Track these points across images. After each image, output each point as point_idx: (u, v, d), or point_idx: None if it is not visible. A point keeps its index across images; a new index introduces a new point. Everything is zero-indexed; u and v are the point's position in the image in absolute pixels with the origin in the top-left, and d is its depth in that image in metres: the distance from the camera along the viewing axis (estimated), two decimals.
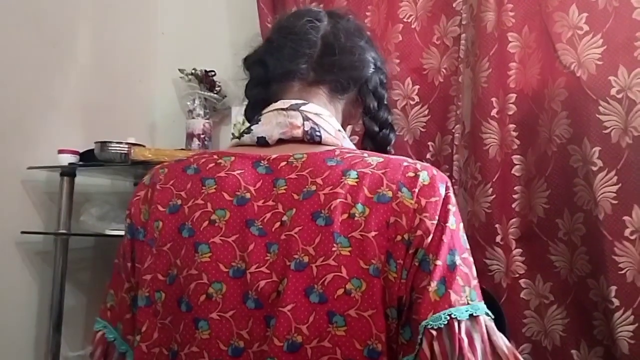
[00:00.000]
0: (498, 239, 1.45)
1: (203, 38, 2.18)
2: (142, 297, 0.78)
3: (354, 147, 0.86)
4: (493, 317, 0.73)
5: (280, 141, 0.84)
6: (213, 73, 2.04)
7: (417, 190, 0.73)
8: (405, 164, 0.77)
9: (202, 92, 2.02)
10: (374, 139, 0.95)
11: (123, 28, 2.14)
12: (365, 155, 0.79)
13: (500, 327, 1.39)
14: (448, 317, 0.68)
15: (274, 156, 0.80)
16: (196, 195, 0.79)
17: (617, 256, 1.30)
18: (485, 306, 0.73)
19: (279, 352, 0.68)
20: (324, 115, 0.86)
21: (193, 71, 2.03)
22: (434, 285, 0.69)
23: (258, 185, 0.78)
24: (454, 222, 0.74)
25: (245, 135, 0.86)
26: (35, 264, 1.83)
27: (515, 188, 1.47)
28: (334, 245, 0.70)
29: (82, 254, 1.99)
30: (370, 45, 0.96)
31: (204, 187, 0.79)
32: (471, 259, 0.75)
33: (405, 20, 1.66)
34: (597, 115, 1.34)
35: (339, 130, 0.86)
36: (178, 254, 0.76)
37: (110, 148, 1.74)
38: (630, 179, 1.32)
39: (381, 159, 0.77)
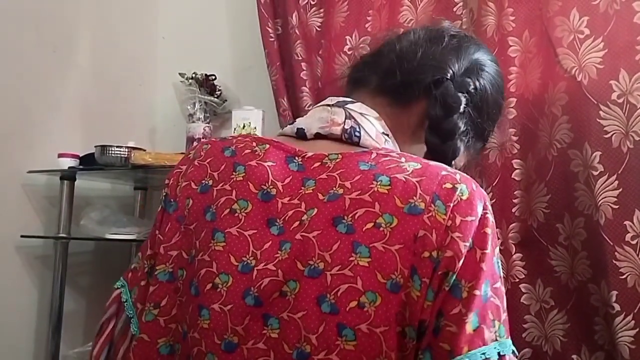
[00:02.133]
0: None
1: (203, 42, 2.18)
2: (165, 272, 0.78)
3: (394, 149, 0.82)
4: (517, 354, 0.71)
5: (319, 136, 0.81)
6: (213, 77, 2.04)
7: (452, 205, 0.68)
8: (443, 172, 0.71)
9: (203, 96, 2.02)
10: (434, 151, 0.85)
11: (123, 32, 2.15)
12: (403, 160, 0.73)
13: None
14: (482, 357, 0.64)
15: (309, 154, 0.78)
16: (226, 180, 0.78)
17: (618, 261, 1.29)
18: (511, 342, 0.69)
19: None
20: (370, 116, 0.82)
21: (193, 75, 2.03)
22: (470, 317, 0.65)
23: (287, 181, 0.76)
24: (490, 248, 0.68)
25: (288, 126, 0.85)
26: (35, 268, 1.83)
27: (515, 192, 1.46)
28: (352, 255, 0.67)
29: (82, 258, 1.99)
30: (455, 53, 0.87)
31: (234, 173, 0.78)
32: (503, 289, 0.70)
33: (405, 24, 1.66)
34: (598, 120, 1.34)
35: (383, 133, 0.82)
36: (199, 235, 0.76)
37: (110, 152, 1.74)
38: (631, 184, 1.31)
39: (419, 165, 0.72)
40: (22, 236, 1.75)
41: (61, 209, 1.80)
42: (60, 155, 1.78)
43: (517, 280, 1.44)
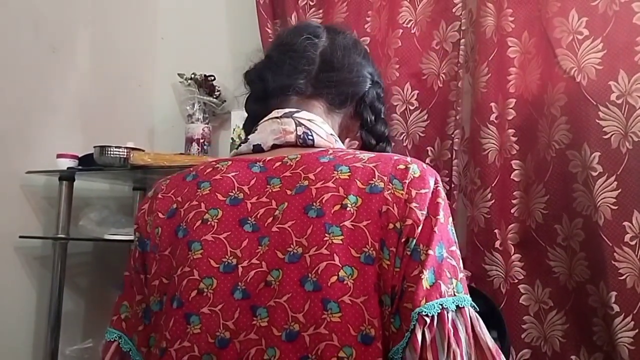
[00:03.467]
0: (497, 244, 1.45)
1: (202, 43, 2.18)
2: (155, 302, 0.80)
3: (345, 148, 0.90)
4: (478, 309, 0.75)
5: (275, 147, 0.87)
6: (212, 77, 2.04)
7: (407, 181, 0.76)
8: (395, 157, 0.80)
9: (202, 97, 2.02)
10: (370, 151, 0.96)
11: (122, 33, 2.15)
12: (357, 152, 0.82)
13: (500, 333, 1.39)
14: (440, 307, 0.69)
15: (269, 158, 0.84)
16: (191, 198, 0.82)
17: (617, 262, 1.30)
18: (470, 298, 0.74)
19: (278, 342, 0.70)
20: (317, 121, 0.89)
21: (192, 76, 2.03)
22: (426, 274, 0.71)
23: (252, 182, 0.81)
24: (443, 216, 0.76)
25: (242, 145, 0.91)
26: (33, 269, 1.82)
27: (514, 193, 1.46)
28: (326, 235, 0.72)
29: (81, 259, 1.98)
30: (367, 59, 1.00)
31: (199, 190, 0.82)
32: (458, 252, 0.77)
33: (404, 25, 1.66)
34: (597, 121, 1.34)
35: (331, 134, 0.90)
36: (174, 254, 0.79)
37: (109, 152, 1.74)
38: (630, 185, 1.31)
39: (372, 155, 0.81)
40: (20, 237, 1.75)
41: (60, 210, 1.79)
42: (59, 156, 1.77)
43: (516, 281, 1.44)
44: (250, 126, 0.96)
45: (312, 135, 0.86)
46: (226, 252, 0.76)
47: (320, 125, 0.89)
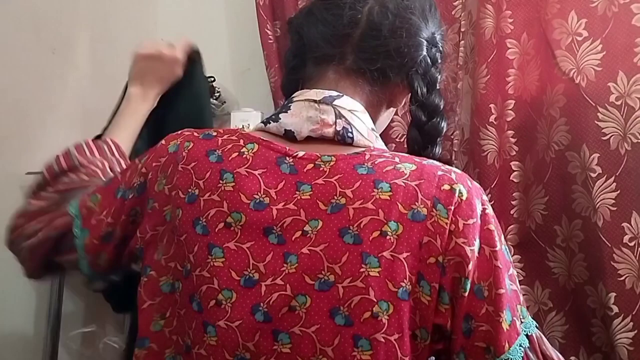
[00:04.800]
0: None
1: (202, 44, 2.16)
2: (167, 284, 0.77)
3: (385, 148, 0.82)
4: (538, 326, 0.74)
5: (309, 138, 0.78)
6: (212, 79, 2.03)
7: (453, 208, 0.70)
8: (439, 172, 0.73)
9: None
10: (421, 129, 0.85)
11: (122, 34, 2.14)
12: (397, 159, 0.74)
13: None
14: (522, 349, 0.69)
15: (300, 154, 0.76)
16: (212, 189, 0.75)
17: (616, 263, 1.30)
18: (532, 320, 0.73)
19: None
20: (358, 112, 0.80)
21: None
22: (504, 315, 0.68)
23: (280, 186, 0.74)
24: (498, 242, 0.71)
25: (271, 122, 0.80)
26: None
27: (513, 194, 1.47)
28: (362, 265, 0.67)
29: None
30: (425, 17, 0.86)
31: (221, 182, 0.75)
32: (515, 273, 0.73)
33: None
34: (596, 122, 1.34)
35: (372, 130, 0.81)
36: (191, 249, 0.74)
37: None
38: (629, 186, 1.32)
39: (414, 167, 0.73)
40: None
41: None
42: None
43: None
44: (287, 85, 0.88)
45: (352, 133, 0.77)
46: (248, 265, 0.71)
47: (361, 117, 0.79)
